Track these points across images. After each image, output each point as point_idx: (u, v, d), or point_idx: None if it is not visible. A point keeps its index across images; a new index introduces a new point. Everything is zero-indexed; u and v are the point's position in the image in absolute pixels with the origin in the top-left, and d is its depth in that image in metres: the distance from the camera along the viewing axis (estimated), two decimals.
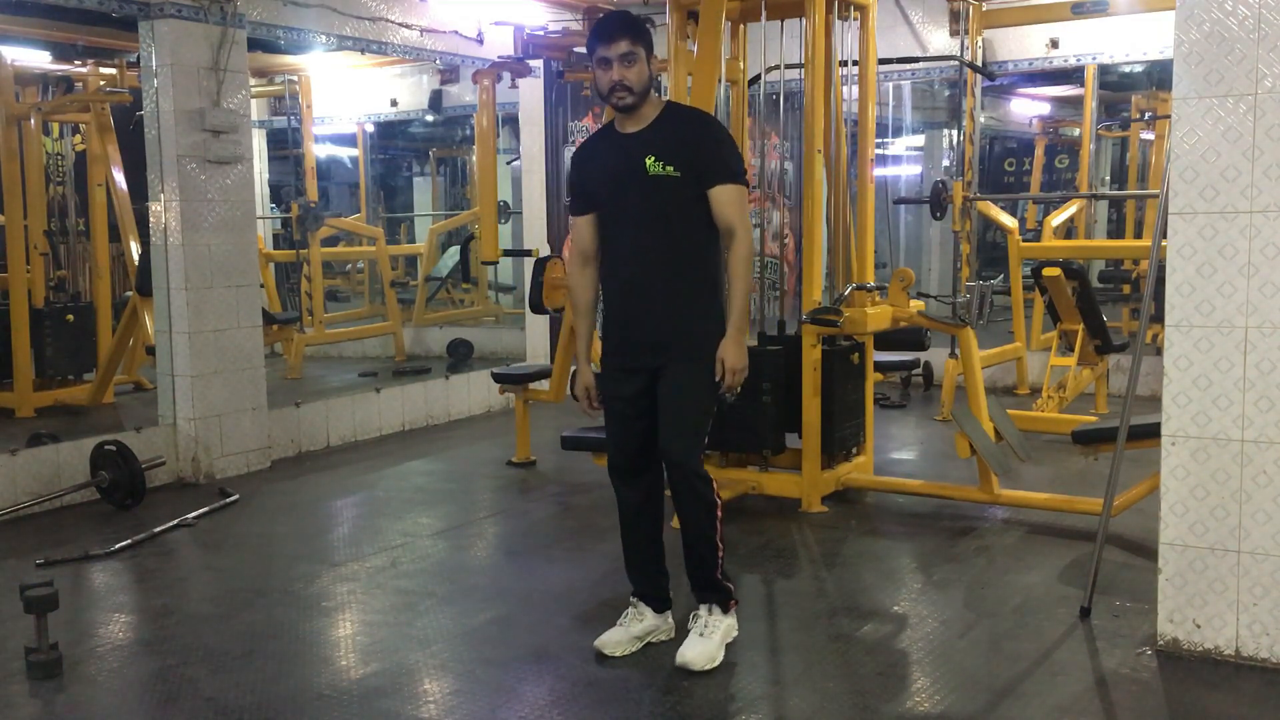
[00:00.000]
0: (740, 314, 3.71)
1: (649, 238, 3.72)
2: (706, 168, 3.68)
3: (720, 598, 3.85)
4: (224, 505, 5.94)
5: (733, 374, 3.67)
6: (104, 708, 3.61)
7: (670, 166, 3.66)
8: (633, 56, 3.64)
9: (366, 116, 11.71)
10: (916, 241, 12.48)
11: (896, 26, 8.90)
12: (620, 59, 3.64)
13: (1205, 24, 3.54)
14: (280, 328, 9.47)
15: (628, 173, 3.71)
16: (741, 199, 3.72)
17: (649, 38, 3.72)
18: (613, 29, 3.69)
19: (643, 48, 3.67)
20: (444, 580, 4.77)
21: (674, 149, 3.68)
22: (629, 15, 3.83)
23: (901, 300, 5.74)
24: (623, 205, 3.76)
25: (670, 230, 3.71)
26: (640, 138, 3.73)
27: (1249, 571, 3.62)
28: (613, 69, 3.64)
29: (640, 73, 3.66)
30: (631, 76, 3.64)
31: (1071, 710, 3.42)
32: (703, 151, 3.69)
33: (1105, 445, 5.06)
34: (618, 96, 3.68)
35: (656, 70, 3.80)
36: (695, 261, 3.73)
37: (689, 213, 3.70)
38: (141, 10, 6.20)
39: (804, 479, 5.63)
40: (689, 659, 3.70)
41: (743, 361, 3.69)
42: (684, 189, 3.68)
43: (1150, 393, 5.98)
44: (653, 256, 3.73)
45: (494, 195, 7.08)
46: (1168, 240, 3.69)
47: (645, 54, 3.68)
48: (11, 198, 7.88)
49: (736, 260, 3.69)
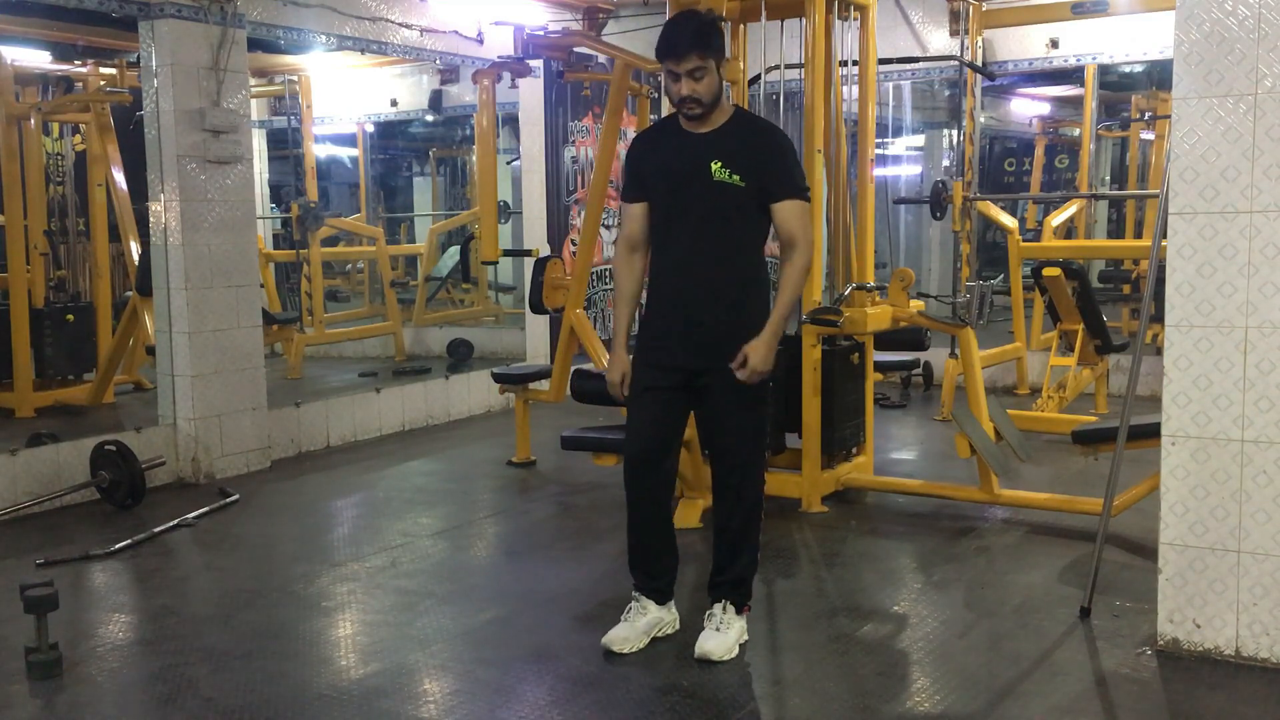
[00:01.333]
0: (780, 319, 3.69)
1: (706, 242, 3.72)
2: (772, 181, 3.68)
3: (741, 598, 3.89)
4: (224, 505, 5.94)
5: (753, 373, 3.66)
6: (104, 708, 3.61)
7: (736, 175, 3.65)
8: (702, 71, 3.58)
9: (366, 116, 11.70)
10: (916, 241, 12.48)
11: (896, 26, 8.90)
12: (690, 74, 3.59)
13: (1205, 24, 3.54)
14: (280, 328, 9.47)
15: (691, 173, 3.69)
16: (805, 214, 3.72)
17: (720, 43, 3.66)
18: (682, 44, 3.59)
19: (713, 59, 3.60)
20: (444, 580, 4.77)
21: (741, 158, 3.66)
22: (699, 23, 3.68)
23: (901, 300, 5.74)
24: (683, 205, 3.74)
25: (729, 237, 3.72)
26: (708, 140, 3.70)
27: (1249, 571, 3.62)
28: (681, 83, 3.60)
29: (710, 84, 3.62)
30: (701, 89, 3.61)
31: (1071, 710, 3.42)
32: (770, 165, 3.69)
33: (1105, 445, 5.06)
34: (688, 108, 3.66)
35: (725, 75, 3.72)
36: (751, 270, 3.77)
37: (748, 222, 3.72)
38: (141, 10, 6.20)
39: (804, 479, 5.63)
40: (709, 649, 3.74)
41: (768, 365, 3.67)
42: (747, 199, 3.68)
43: (1150, 393, 5.98)
44: (710, 260, 3.74)
45: (494, 195, 7.08)
46: (1168, 240, 3.69)
47: (716, 64, 3.61)
48: (11, 198, 7.88)
49: (793, 269, 3.69)
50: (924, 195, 9.32)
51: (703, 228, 3.72)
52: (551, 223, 9.19)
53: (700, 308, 3.74)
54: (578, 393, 5.72)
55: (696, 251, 3.74)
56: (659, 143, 3.85)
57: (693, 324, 3.76)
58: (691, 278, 3.76)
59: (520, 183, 9.45)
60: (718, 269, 3.73)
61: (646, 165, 3.84)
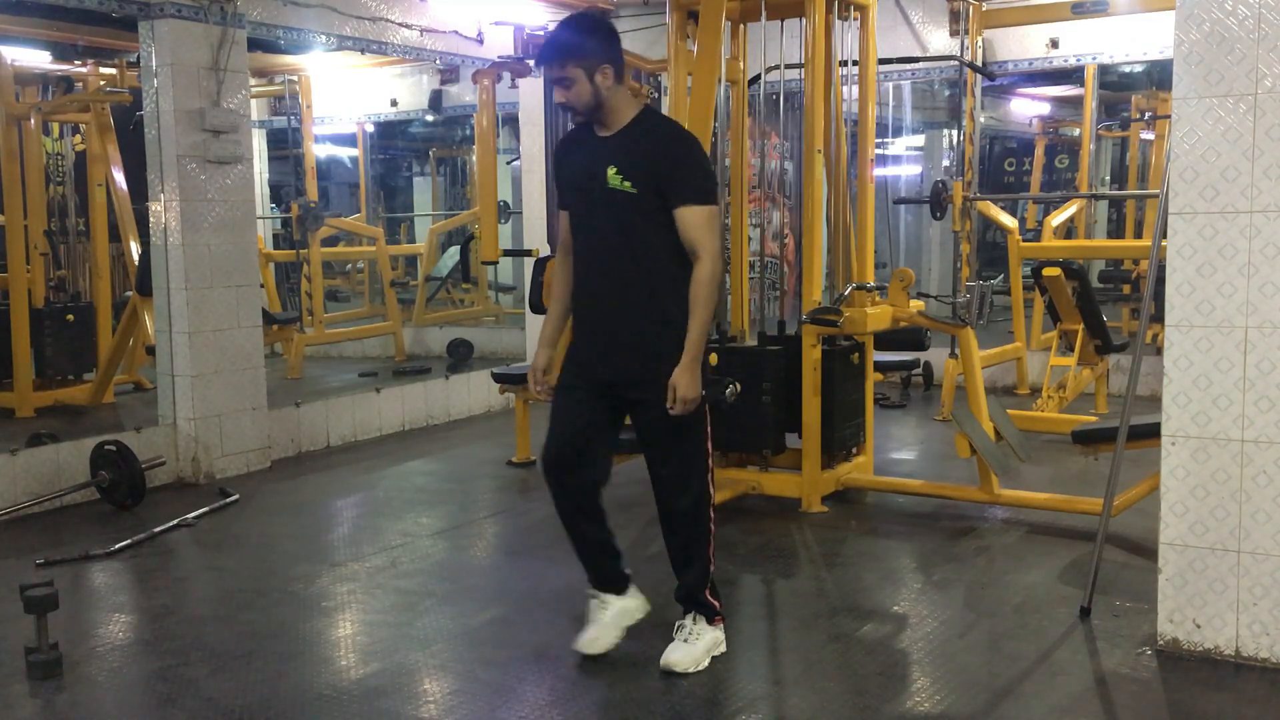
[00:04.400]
0: (697, 340, 3.53)
1: (611, 252, 3.61)
2: (669, 187, 3.51)
3: (703, 610, 3.79)
4: (224, 505, 5.94)
5: (684, 404, 3.52)
6: (104, 708, 3.61)
7: (628, 182, 3.52)
8: (567, 80, 3.51)
9: (366, 116, 11.70)
10: (916, 241, 12.49)
11: (896, 26, 8.90)
12: (557, 83, 3.54)
13: (1205, 24, 3.54)
14: (280, 328, 9.47)
15: (591, 179, 3.59)
16: (707, 221, 3.54)
17: (589, 50, 3.51)
18: (544, 53, 3.60)
19: (578, 66, 3.49)
20: (444, 580, 4.77)
21: (635, 163, 3.53)
22: (563, 33, 3.61)
23: (901, 300, 5.74)
24: (587, 213, 3.67)
25: (631, 247, 3.57)
26: (608, 145, 3.61)
27: (1249, 571, 3.62)
28: (555, 91, 3.58)
29: (581, 92, 3.51)
30: (570, 97, 3.54)
31: (1071, 710, 3.42)
32: (664, 169, 3.53)
33: (1105, 445, 5.06)
34: (569, 113, 3.64)
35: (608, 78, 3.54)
36: (661, 283, 3.58)
37: (651, 232, 3.54)
38: (141, 10, 6.20)
39: (804, 479, 5.63)
40: (673, 660, 3.68)
41: (695, 391, 3.53)
42: (643, 206, 3.52)
43: (1150, 393, 5.98)
44: (615, 271, 3.60)
45: (494, 195, 7.09)
46: (1168, 240, 3.69)
47: (585, 71, 3.50)
48: (11, 198, 7.88)
49: (697, 283, 3.52)
50: (924, 195, 9.32)
51: (606, 237, 3.61)
52: (551, 223, 9.13)
53: (610, 319, 3.63)
54: None
55: (602, 261, 3.64)
56: (572, 149, 3.75)
57: (604, 335, 3.66)
58: (600, 288, 3.65)
59: (520, 183, 9.45)
60: (624, 279, 3.59)
61: (561, 172, 3.79)
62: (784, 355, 5.69)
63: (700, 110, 5.56)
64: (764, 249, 6.68)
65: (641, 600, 3.97)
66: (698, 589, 3.79)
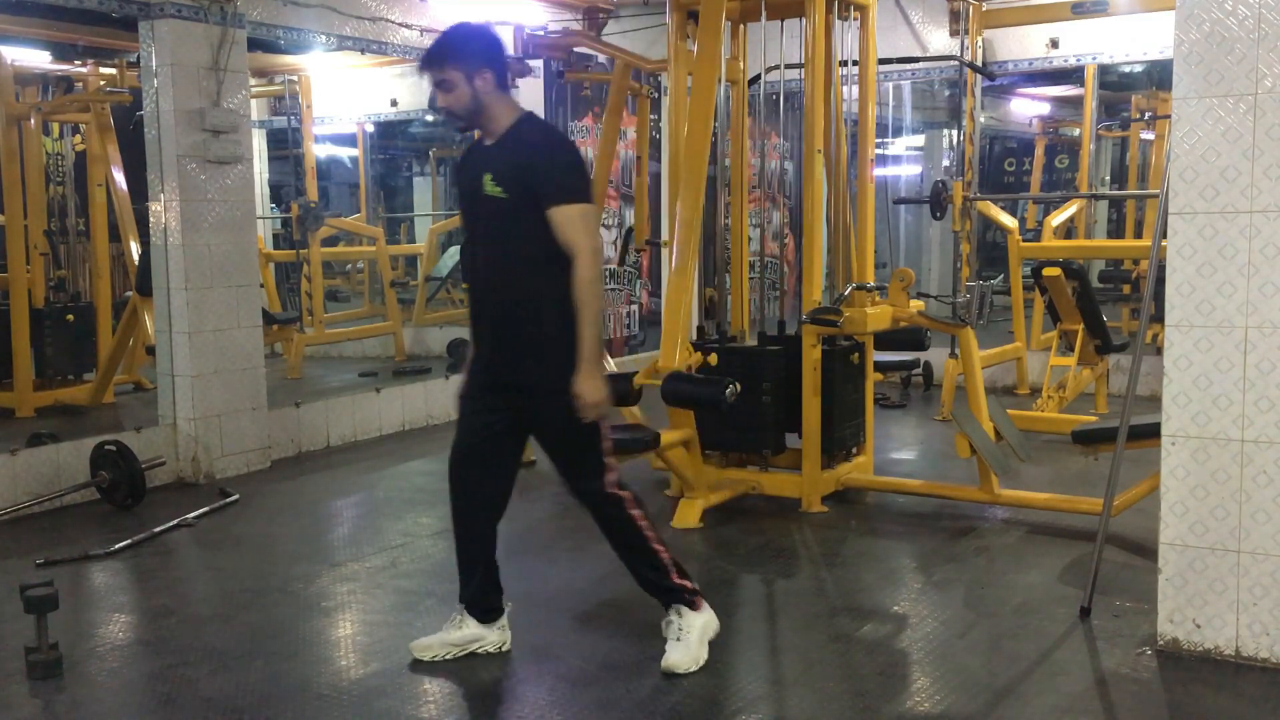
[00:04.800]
0: (590, 342, 3.49)
1: (491, 263, 3.61)
2: (538, 189, 3.49)
3: (683, 598, 3.77)
4: (224, 505, 5.94)
5: (592, 409, 3.51)
6: (104, 708, 3.61)
7: (499, 188, 3.53)
8: (447, 83, 3.53)
9: (366, 116, 11.69)
10: (916, 241, 12.49)
11: (896, 26, 8.90)
12: (438, 87, 3.56)
13: (1205, 24, 3.54)
14: (280, 328, 9.47)
15: (475, 189, 3.61)
16: (580, 219, 3.49)
17: (469, 54, 3.53)
18: (426, 57, 3.60)
19: (457, 70, 3.51)
20: (444, 580, 4.76)
21: (507, 169, 3.53)
22: (443, 38, 3.63)
23: (901, 300, 5.74)
24: (472, 222, 3.69)
25: (508, 255, 3.57)
26: (488, 153, 3.62)
27: (1249, 571, 3.62)
28: (436, 95, 3.58)
29: (460, 97, 3.53)
30: (450, 101, 3.55)
31: (1071, 710, 3.42)
32: (533, 172, 3.51)
33: (1105, 445, 5.06)
34: (448, 120, 3.65)
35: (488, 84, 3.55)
36: (539, 289, 3.55)
37: (525, 237, 3.51)
38: (141, 10, 6.20)
39: (804, 479, 5.63)
40: (672, 663, 3.66)
41: (599, 394, 3.51)
42: (516, 211, 3.51)
43: (1150, 393, 5.98)
44: (496, 283, 3.60)
45: None
46: (1168, 240, 3.69)
47: (464, 75, 3.51)
48: (11, 198, 7.87)
49: (579, 285, 3.48)
50: (924, 195, 9.32)
51: (488, 245, 3.62)
52: None
53: (493, 327, 3.63)
54: None
55: (486, 270, 3.63)
56: (465, 160, 3.76)
57: (489, 343, 3.67)
58: (484, 297, 3.66)
59: None
60: (503, 287, 3.59)
61: (458, 184, 3.80)
62: (784, 355, 5.70)
63: (700, 110, 5.57)
64: (764, 249, 6.68)
65: (504, 638, 3.90)
66: (658, 579, 3.76)
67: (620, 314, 10.01)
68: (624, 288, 10.04)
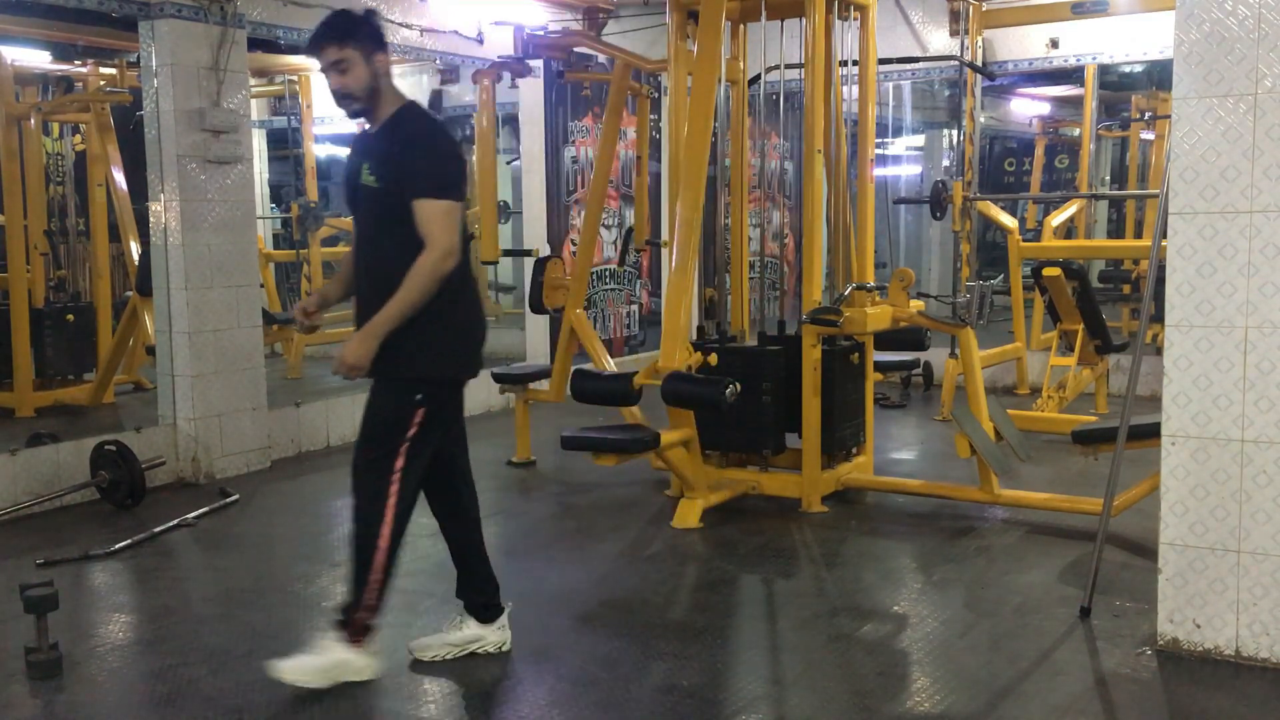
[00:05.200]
0: (385, 316, 3.43)
1: (365, 249, 3.61)
2: (405, 179, 3.45)
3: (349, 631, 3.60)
4: (224, 505, 5.94)
5: (342, 365, 3.47)
6: (104, 708, 3.61)
7: (373, 177, 3.49)
8: (343, 63, 3.45)
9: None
10: (916, 241, 12.50)
11: (896, 26, 8.90)
12: (333, 67, 3.48)
13: (1205, 24, 3.54)
14: (280, 328, 9.46)
15: (354, 177, 3.58)
16: (440, 215, 3.42)
17: (365, 35, 3.48)
18: (317, 36, 3.51)
19: (355, 49, 3.45)
20: (444, 580, 4.75)
21: (382, 158, 3.49)
22: (335, 17, 3.55)
23: (901, 300, 5.74)
24: (353, 209, 3.67)
25: (379, 243, 3.54)
26: (368, 141, 3.59)
27: (1249, 571, 3.62)
28: (330, 78, 3.51)
29: (360, 76, 3.47)
30: (349, 82, 3.47)
31: (1071, 710, 3.42)
32: (402, 163, 3.46)
33: (1105, 445, 5.06)
34: (342, 104, 3.55)
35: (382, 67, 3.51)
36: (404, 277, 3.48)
37: (396, 226, 3.46)
38: (141, 10, 6.20)
39: (804, 479, 5.63)
40: (281, 666, 3.56)
41: (355, 358, 3.45)
42: (387, 200, 3.47)
43: (1150, 393, 5.98)
44: (369, 269, 3.58)
45: (494, 195, 7.07)
46: (1168, 240, 3.69)
47: (362, 54, 3.46)
48: (11, 198, 7.88)
49: (415, 268, 3.40)
50: (924, 195, 9.32)
51: (363, 233, 3.61)
52: (551, 223, 9.19)
53: (365, 312, 3.54)
54: (578, 393, 5.72)
55: (362, 256, 3.62)
56: (353, 149, 3.71)
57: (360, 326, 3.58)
58: (361, 283, 3.62)
59: (520, 183, 9.45)
60: (374, 273, 3.55)
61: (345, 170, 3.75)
62: (784, 355, 5.70)
63: (700, 110, 5.57)
64: (764, 249, 6.68)
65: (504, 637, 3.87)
66: (351, 597, 3.62)
67: (620, 314, 10.01)
68: (624, 287, 10.04)
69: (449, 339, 3.58)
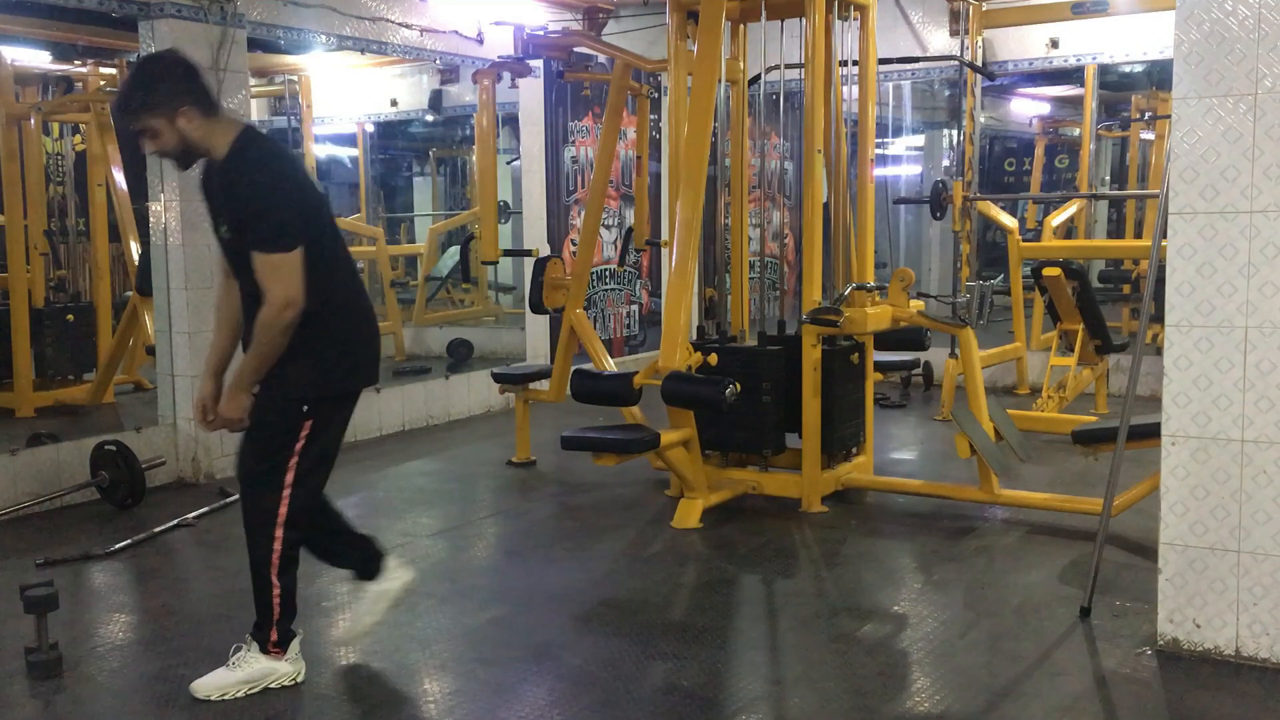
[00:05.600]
0: (244, 371, 3.49)
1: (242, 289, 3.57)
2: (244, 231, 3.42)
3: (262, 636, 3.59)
4: (224, 505, 5.93)
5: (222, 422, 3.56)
6: (104, 708, 3.61)
7: (225, 228, 3.47)
8: (150, 132, 3.40)
9: (366, 116, 11.70)
10: (916, 241, 12.49)
11: (896, 26, 8.90)
12: (141, 135, 3.44)
13: (1205, 24, 3.54)
14: None
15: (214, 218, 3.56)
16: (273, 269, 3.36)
17: (162, 98, 3.36)
18: (117, 108, 3.45)
19: (155, 117, 3.36)
20: (444, 580, 4.77)
21: (226, 206, 3.46)
22: (130, 85, 3.45)
23: (901, 300, 5.74)
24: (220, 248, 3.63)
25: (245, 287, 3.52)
26: (215, 184, 3.51)
27: (1249, 571, 3.62)
28: (143, 143, 3.48)
29: (167, 139, 3.41)
30: (161, 145, 3.44)
31: (1071, 710, 3.42)
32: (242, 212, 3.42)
33: (1105, 445, 5.06)
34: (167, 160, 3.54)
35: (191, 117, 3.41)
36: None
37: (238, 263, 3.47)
38: (141, 10, 6.20)
39: (804, 479, 5.63)
40: (196, 684, 3.53)
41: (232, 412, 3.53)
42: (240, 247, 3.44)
43: (1150, 393, 5.98)
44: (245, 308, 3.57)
45: (494, 195, 7.08)
46: (1168, 240, 3.69)
47: (165, 117, 3.37)
48: (11, 198, 7.88)
49: (257, 325, 3.41)
50: (924, 195, 9.32)
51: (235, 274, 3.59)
52: (551, 223, 9.19)
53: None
54: (578, 393, 5.72)
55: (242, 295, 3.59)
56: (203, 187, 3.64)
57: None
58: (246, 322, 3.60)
59: (520, 183, 9.45)
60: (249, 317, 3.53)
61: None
62: (784, 355, 5.69)
63: (700, 110, 5.57)
64: (764, 249, 6.68)
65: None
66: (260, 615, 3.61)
67: (620, 314, 10.02)
68: (624, 287, 10.05)
69: (333, 354, 3.57)
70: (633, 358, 9.71)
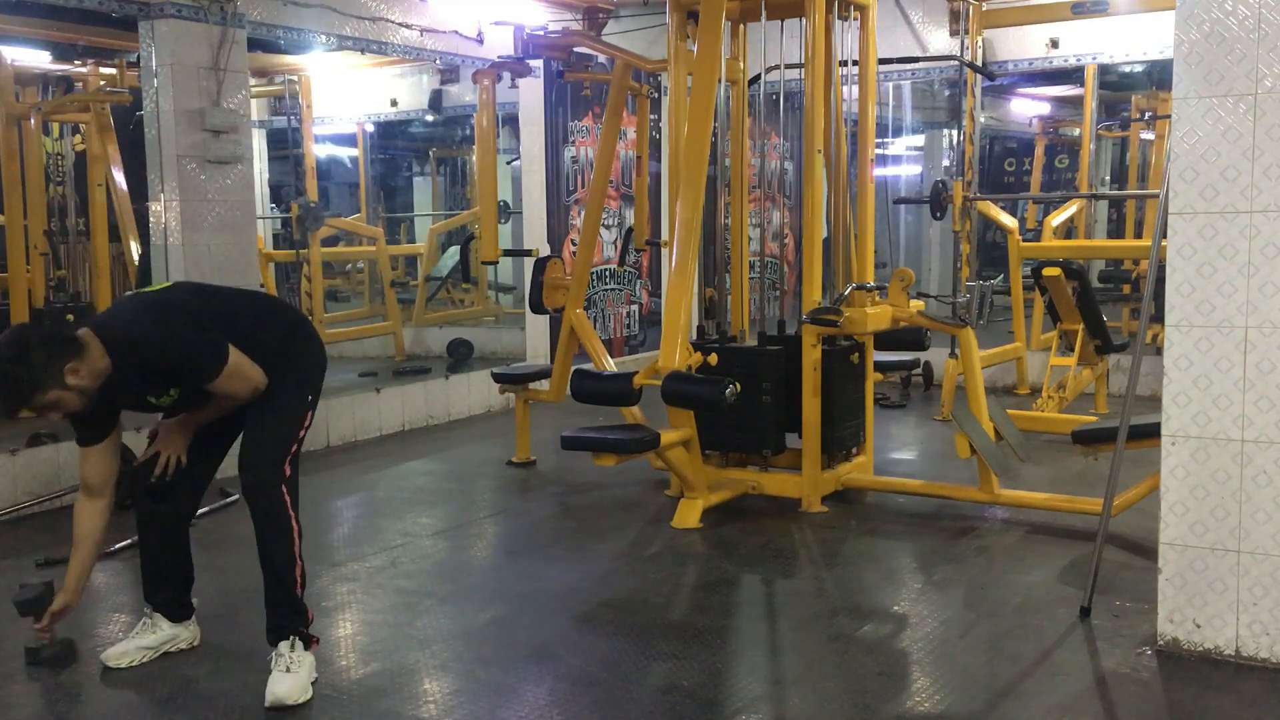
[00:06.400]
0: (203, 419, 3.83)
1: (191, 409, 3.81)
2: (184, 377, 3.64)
3: (299, 623, 3.69)
4: (224, 505, 5.93)
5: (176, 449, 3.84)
6: (104, 708, 3.61)
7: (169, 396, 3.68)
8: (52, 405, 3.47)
9: (366, 116, 11.70)
10: (916, 241, 12.48)
11: (896, 26, 8.90)
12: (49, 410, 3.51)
13: (1205, 24, 3.54)
14: None
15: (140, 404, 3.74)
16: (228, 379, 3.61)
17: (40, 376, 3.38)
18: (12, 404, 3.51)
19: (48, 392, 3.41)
20: (444, 580, 4.77)
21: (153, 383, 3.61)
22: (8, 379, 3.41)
23: (901, 300, 5.74)
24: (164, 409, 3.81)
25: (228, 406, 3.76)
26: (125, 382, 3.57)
27: (1249, 571, 3.62)
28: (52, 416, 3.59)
29: (72, 404, 3.48)
30: (69, 410, 3.52)
31: (1071, 710, 3.42)
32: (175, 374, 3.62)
33: (1105, 445, 5.06)
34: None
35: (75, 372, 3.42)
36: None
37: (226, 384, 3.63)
38: (141, 10, 6.20)
39: (804, 479, 5.63)
40: (280, 694, 3.52)
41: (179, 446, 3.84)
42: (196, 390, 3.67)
43: (1150, 393, 5.98)
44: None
45: (494, 195, 7.07)
46: (1168, 240, 3.69)
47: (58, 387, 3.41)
48: (11, 198, 7.87)
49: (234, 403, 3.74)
50: (924, 195, 9.32)
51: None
52: (551, 223, 9.20)
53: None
54: (578, 393, 5.72)
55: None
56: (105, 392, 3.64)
57: None
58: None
59: (520, 183, 9.45)
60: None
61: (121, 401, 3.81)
62: (784, 355, 5.69)
63: (700, 110, 5.57)
64: (764, 249, 6.68)
65: (195, 633, 4.01)
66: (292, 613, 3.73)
67: (620, 314, 10.01)
68: (624, 287, 10.05)
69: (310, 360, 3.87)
70: (633, 358, 9.71)
